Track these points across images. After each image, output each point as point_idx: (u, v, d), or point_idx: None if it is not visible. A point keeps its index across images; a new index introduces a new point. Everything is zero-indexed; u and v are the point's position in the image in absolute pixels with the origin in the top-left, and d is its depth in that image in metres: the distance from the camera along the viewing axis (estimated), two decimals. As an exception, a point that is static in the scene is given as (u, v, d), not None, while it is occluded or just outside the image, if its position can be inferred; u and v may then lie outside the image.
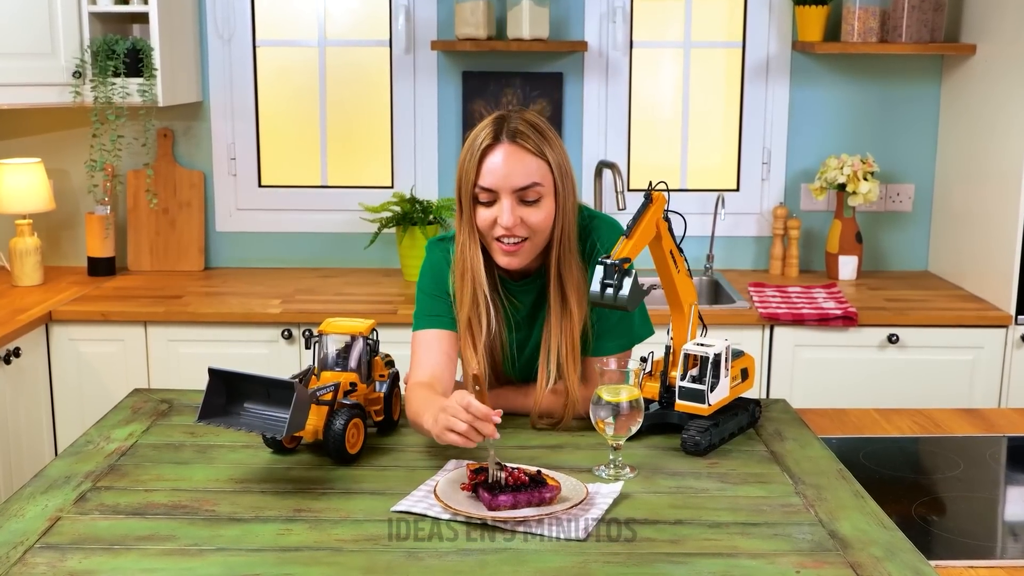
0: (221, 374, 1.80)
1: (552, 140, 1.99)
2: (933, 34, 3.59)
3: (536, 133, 1.96)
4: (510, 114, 1.99)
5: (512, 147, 1.95)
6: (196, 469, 1.87)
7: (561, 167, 1.99)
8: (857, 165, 3.61)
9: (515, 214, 1.95)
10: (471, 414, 1.73)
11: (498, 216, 1.95)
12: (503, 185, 1.95)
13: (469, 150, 1.98)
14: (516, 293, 2.10)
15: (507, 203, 1.95)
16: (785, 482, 1.83)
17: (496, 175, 1.95)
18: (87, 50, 3.37)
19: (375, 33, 3.84)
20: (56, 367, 3.28)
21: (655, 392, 2.04)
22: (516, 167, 1.94)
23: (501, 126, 1.97)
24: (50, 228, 3.81)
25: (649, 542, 1.60)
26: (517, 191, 1.95)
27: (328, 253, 3.87)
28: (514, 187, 1.95)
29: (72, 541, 1.59)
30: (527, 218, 1.96)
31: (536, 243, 2.00)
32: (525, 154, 1.95)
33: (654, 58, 3.88)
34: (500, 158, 1.95)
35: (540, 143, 1.96)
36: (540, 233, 1.99)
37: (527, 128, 1.96)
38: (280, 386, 1.77)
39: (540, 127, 1.98)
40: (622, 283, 1.85)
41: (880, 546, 1.59)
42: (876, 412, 2.43)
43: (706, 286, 3.73)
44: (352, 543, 1.59)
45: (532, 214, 1.96)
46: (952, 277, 3.69)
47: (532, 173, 1.95)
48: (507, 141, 1.95)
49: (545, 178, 1.97)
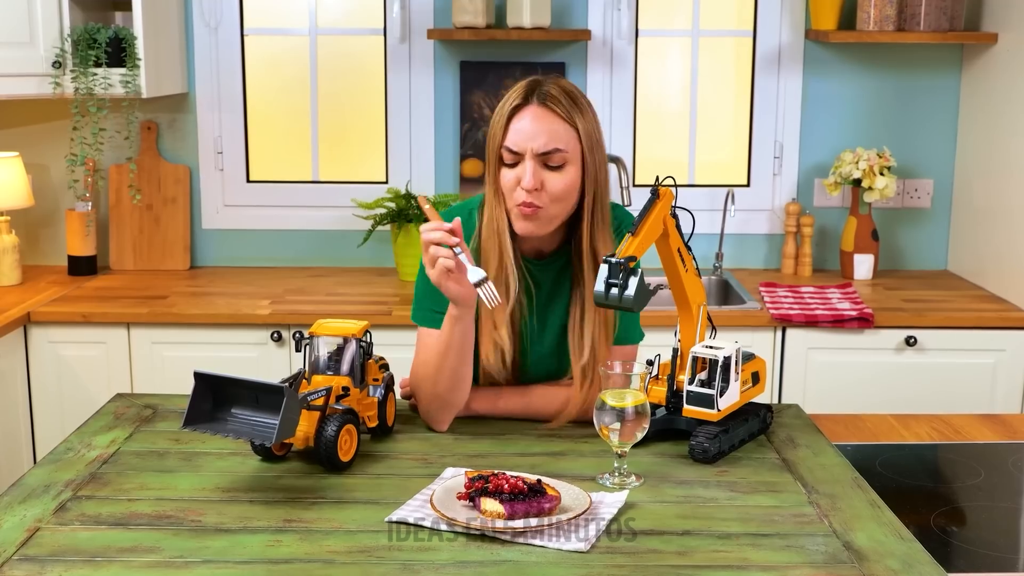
0: (207, 378, 1.80)
1: (584, 109, 2.03)
2: (952, 22, 3.59)
3: (568, 99, 2.01)
4: (545, 78, 2.04)
5: (540, 109, 2.00)
6: (181, 477, 1.87)
7: (591, 137, 2.03)
8: (873, 159, 3.61)
9: (537, 177, 1.99)
10: (441, 231, 1.88)
11: (521, 177, 1.99)
12: (527, 146, 1.99)
13: (500, 110, 2.03)
14: (534, 272, 2.11)
15: (530, 165, 1.98)
16: (798, 491, 1.83)
17: (521, 136, 1.99)
18: (67, 39, 3.37)
19: (369, 21, 3.84)
20: (35, 371, 3.28)
21: (662, 397, 2.04)
22: (542, 130, 1.99)
23: (534, 88, 2.02)
24: (28, 225, 3.82)
25: (655, 554, 1.60)
26: (541, 155, 1.99)
27: (320, 251, 3.88)
28: (537, 150, 1.98)
29: (52, 553, 1.59)
30: (548, 183, 1.99)
31: (553, 213, 2.02)
32: (553, 118, 1.99)
33: (661, 47, 3.88)
34: (527, 119, 2.00)
35: (571, 109, 2.00)
36: (558, 202, 2.01)
37: (559, 93, 2.01)
38: (269, 390, 1.77)
39: (573, 94, 2.03)
40: (628, 282, 1.85)
41: (897, 558, 1.59)
42: (893, 418, 2.43)
43: (715, 286, 3.73)
44: (345, 555, 1.59)
45: (554, 180, 2.00)
46: (972, 276, 3.69)
47: (558, 138, 1.99)
48: (536, 103, 2.00)
49: (571, 145, 2.00)
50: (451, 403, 2.07)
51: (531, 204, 1.99)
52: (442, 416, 2.08)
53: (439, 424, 2.08)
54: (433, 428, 2.09)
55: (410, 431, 2.09)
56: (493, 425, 2.11)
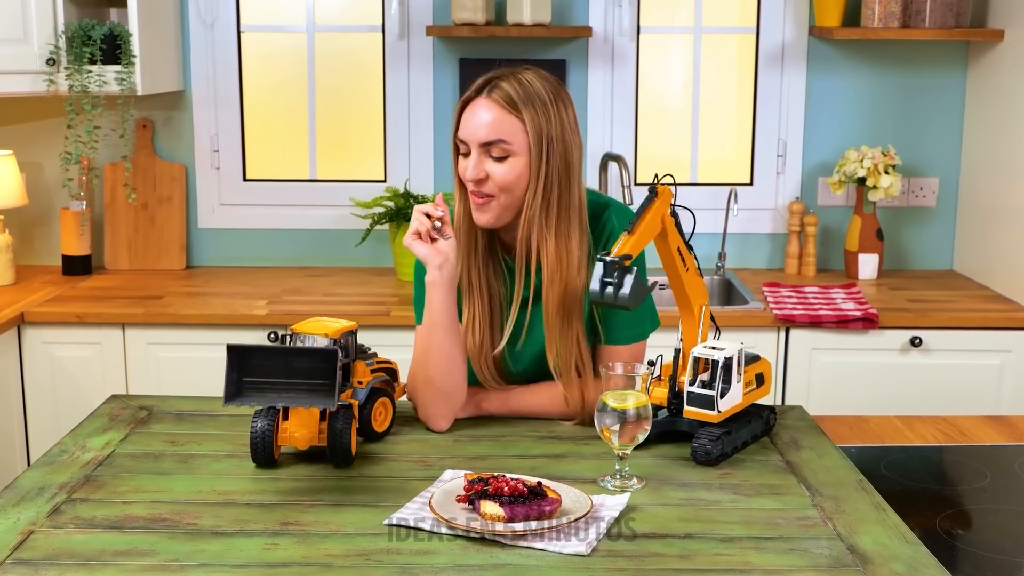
0: (240, 350, 1.82)
1: (540, 105, 2.05)
2: (958, 19, 3.59)
3: (522, 93, 2.05)
4: (508, 72, 2.09)
5: (486, 101, 2.06)
6: (177, 480, 1.87)
7: (542, 133, 2.05)
8: (878, 158, 3.61)
9: (480, 168, 2.05)
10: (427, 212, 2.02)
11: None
12: (471, 137, 2.06)
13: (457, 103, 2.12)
14: (511, 270, 2.14)
15: (474, 155, 2.06)
16: (801, 494, 1.83)
17: (467, 127, 2.07)
18: (61, 36, 3.37)
19: (367, 18, 3.84)
20: (28, 372, 3.28)
21: (663, 398, 2.04)
22: (484, 120, 2.05)
23: (488, 81, 2.08)
24: (22, 224, 3.82)
25: (657, 557, 1.60)
26: (483, 145, 2.05)
27: (317, 251, 3.88)
28: (479, 140, 2.05)
29: (46, 556, 1.59)
30: (493, 174, 2.06)
31: (504, 203, 2.07)
32: (498, 110, 2.05)
33: (663, 44, 3.88)
34: (472, 111, 2.06)
35: (522, 103, 2.04)
36: (507, 192, 2.06)
37: (513, 86, 2.05)
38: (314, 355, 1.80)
39: (531, 89, 2.06)
40: (623, 281, 1.86)
41: (902, 562, 1.59)
42: (898, 419, 2.43)
43: (718, 286, 3.73)
44: (343, 558, 1.59)
45: (497, 170, 2.05)
46: (978, 276, 3.69)
47: (500, 130, 2.04)
48: (484, 95, 2.06)
49: (516, 138, 2.04)
50: (445, 392, 2.07)
51: (481, 193, 2.06)
52: (438, 408, 2.07)
53: (436, 420, 2.08)
54: (432, 428, 2.09)
55: (409, 433, 2.09)
56: (493, 427, 2.12)
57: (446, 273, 2.03)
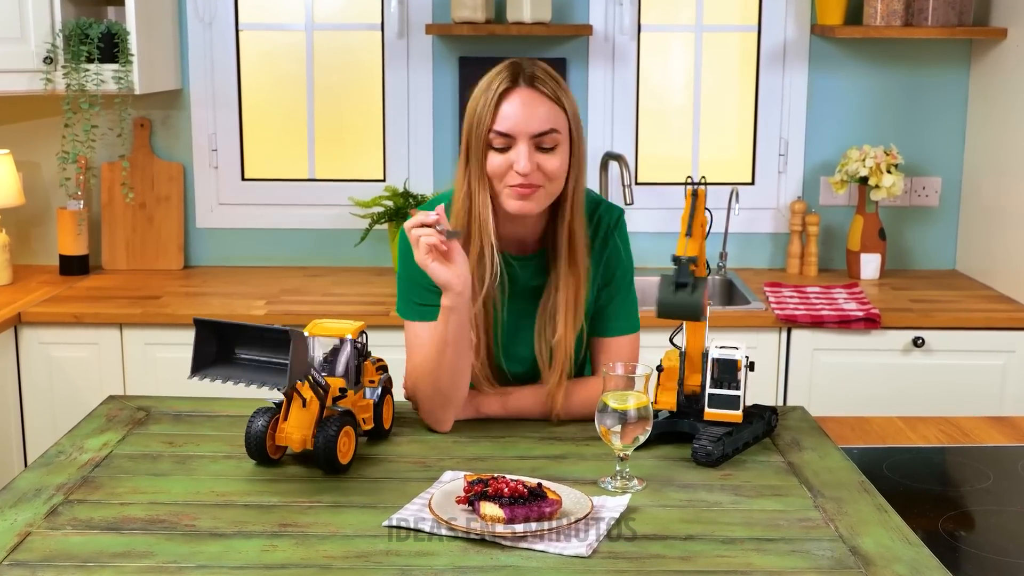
0: (208, 324, 1.80)
1: (567, 90, 2.07)
2: (961, 17, 3.59)
3: (553, 80, 2.05)
4: (524, 60, 2.07)
5: (531, 92, 2.02)
6: (175, 481, 1.87)
7: (576, 117, 2.07)
8: (880, 157, 3.61)
9: (532, 160, 2.01)
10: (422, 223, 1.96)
11: (514, 162, 2.01)
12: (521, 130, 2.00)
13: (484, 94, 2.04)
14: (513, 268, 2.13)
15: (524, 148, 2.00)
16: (803, 495, 1.83)
17: (514, 119, 2.01)
18: (59, 34, 3.37)
19: (366, 16, 3.84)
20: (26, 372, 3.28)
21: (672, 402, 2.04)
22: (535, 112, 2.01)
23: (518, 71, 2.04)
24: (19, 224, 3.82)
25: (658, 559, 1.60)
26: (535, 136, 2.01)
27: (316, 251, 3.88)
28: (532, 132, 2.01)
29: (43, 558, 1.59)
30: (544, 165, 2.02)
31: (550, 191, 2.05)
32: (544, 99, 2.02)
33: (664, 43, 3.88)
34: (518, 102, 2.01)
35: (557, 90, 2.04)
36: (555, 181, 2.04)
37: (544, 75, 2.04)
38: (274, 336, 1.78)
39: (556, 75, 2.06)
40: (697, 284, 1.87)
41: (905, 563, 1.59)
42: (900, 420, 2.43)
43: (719, 286, 3.73)
44: (342, 560, 1.59)
45: (549, 161, 2.02)
46: (981, 276, 3.69)
47: (551, 119, 2.02)
48: (525, 86, 2.02)
49: (562, 126, 2.03)
50: (453, 400, 2.07)
51: (529, 184, 2.01)
52: (444, 415, 2.08)
53: (442, 424, 2.08)
54: (435, 429, 2.09)
55: (408, 434, 2.09)
56: (492, 428, 2.12)
57: (465, 298, 1.99)
